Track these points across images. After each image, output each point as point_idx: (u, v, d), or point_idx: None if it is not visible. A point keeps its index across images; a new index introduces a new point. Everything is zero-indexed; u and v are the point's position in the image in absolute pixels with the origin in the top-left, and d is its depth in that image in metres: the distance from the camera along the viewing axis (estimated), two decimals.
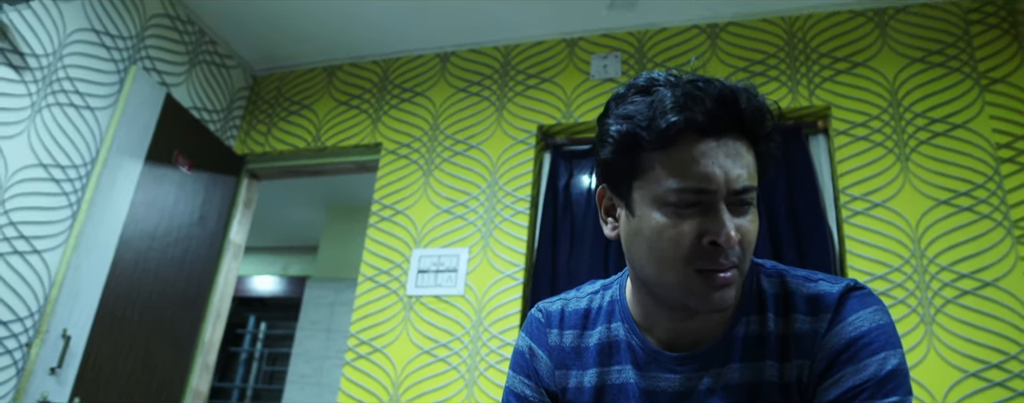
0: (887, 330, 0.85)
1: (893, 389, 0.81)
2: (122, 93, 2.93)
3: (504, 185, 3.02)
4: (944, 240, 2.38)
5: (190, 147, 3.23)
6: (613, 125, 0.87)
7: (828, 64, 2.79)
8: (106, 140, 2.84)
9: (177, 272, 3.14)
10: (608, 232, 0.95)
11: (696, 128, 0.82)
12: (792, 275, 0.95)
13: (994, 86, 2.54)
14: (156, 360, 3.02)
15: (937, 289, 2.33)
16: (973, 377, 2.20)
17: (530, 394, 1.05)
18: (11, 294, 2.47)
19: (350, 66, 3.61)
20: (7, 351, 2.44)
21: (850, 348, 0.84)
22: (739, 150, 0.84)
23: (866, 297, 0.89)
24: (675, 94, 0.83)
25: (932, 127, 2.55)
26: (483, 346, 2.75)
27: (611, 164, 0.89)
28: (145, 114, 3.00)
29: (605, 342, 1.01)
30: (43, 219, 2.60)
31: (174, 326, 3.13)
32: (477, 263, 2.90)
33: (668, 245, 0.83)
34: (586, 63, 3.15)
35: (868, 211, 2.51)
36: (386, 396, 2.79)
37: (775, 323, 0.91)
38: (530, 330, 1.09)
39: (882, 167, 2.55)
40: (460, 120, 3.23)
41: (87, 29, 2.82)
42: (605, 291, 1.07)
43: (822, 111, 2.76)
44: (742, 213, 0.85)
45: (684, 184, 0.82)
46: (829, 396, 0.83)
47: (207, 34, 3.46)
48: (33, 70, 2.60)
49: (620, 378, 0.98)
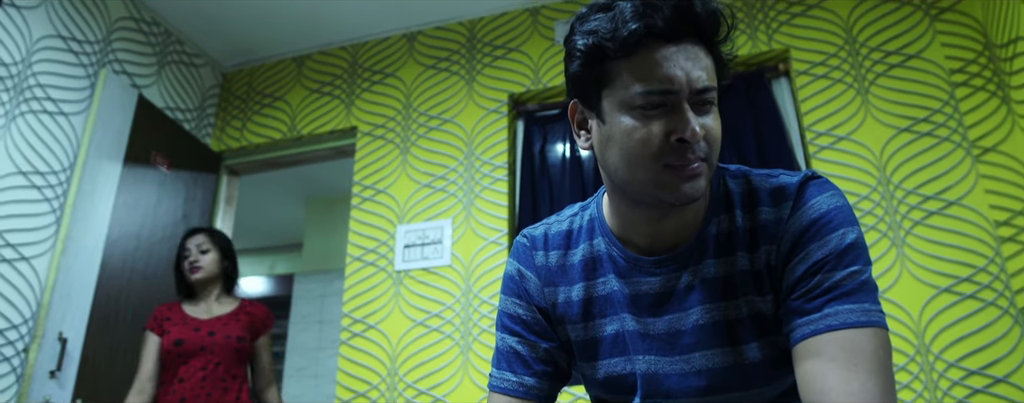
0: (844, 210, 0.92)
1: (853, 259, 0.88)
2: (94, 97, 2.94)
3: (481, 155, 3.07)
4: (908, 166, 2.47)
5: (167, 147, 3.25)
6: (579, 40, 0.92)
7: (784, 8, 2.87)
8: (83, 144, 2.86)
9: (166, 271, 3.15)
10: (581, 144, 1.00)
11: (656, 34, 0.87)
12: (755, 174, 1.01)
13: (944, 15, 2.64)
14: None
15: (904, 212, 2.43)
16: (946, 292, 2.29)
17: (523, 313, 1.10)
18: (3, 302, 2.49)
19: (319, 54, 3.64)
20: (5, 358, 2.46)
21: (812, 227, 0.91)
22: (698, 53, 0.90)
23: (824, 184, 0.95)
24: (634, 5, 0.88)
25: (888, 60, 2.64)
26: (474, 312, 2.81)
27: (580, 77, 0.95)
28: (119, 116, 3.01)
29: (588, 258, 1.07)
30: (28, 226, 2.62)
31: None
32: (461, 233, 2.96)
33: (638, 145, 0.89)
34: (550, 30, 3.20)
35: (833, 145, 2.60)
36: (384, 370, 2.85)
37: (742, 218, 0.97)
38: (517, 254, 1.14)
39: (843, 102, 2.64)
40: (432, 96, 3.28)
41: (53, 35, 2.83)
42: (583, 212, 1.12)
43: (782, 54, 2.84)
44: (705, 112, 0.90)
45: (649, 87, 0.87)
46: (797, 272, 0.90)
47: (173, 34, 3.48)
48: (3, 79, 2.61)
49: (606, 289, 1.04)
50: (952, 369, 2.21)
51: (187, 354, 2.43)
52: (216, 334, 2.48)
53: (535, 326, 1.08)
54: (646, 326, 0.99)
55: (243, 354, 2.53)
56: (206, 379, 2.42)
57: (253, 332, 2.60)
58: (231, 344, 2.50)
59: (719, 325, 0.95)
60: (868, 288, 0.87)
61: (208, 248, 2.62)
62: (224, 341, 2.49)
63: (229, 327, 2.53)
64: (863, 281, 0.87)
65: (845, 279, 0.86)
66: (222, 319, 2.55)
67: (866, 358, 0.81)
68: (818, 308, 0.86)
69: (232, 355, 2.49)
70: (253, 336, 2.59)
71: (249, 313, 2.63)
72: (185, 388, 2.39)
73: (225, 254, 2.69)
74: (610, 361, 1.03)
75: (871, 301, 0.86)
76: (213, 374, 2.44)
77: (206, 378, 2.42)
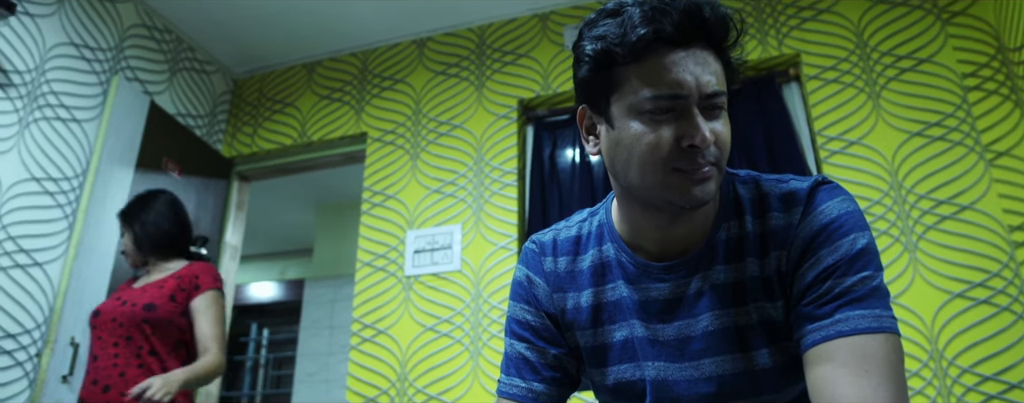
0: (855, 215, 0.91)
1: (865, 265, 0.87)
2: (107, 103, 2.96)
3: (490, 160, 3.08)
4: (920, 170, 2.46)
5: (178, 153, 3.27)
6: (588, 45, 0.92)
7: (794, 13, 2.86)
8: (95, 150, 2.88)
9: None
10: (590, 150, 1.00)
11: (665, 39, 0.87)
12: (765, 179, 1.01)
13: (956, 19, 2.62)
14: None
15: (917, 217, 2.41)
16: (959, 297, 2.27)
17: (531, 318, 1.10)
18: (16, 307, 2.50)
19: (329, 61, 3.65)
20: (18, 363, 2.48)
21: (823, 232, 0.90)
22: (707, 58, 0.90)
23: (834, 189, 0.95)
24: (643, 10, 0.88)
25: (899, 64, 2.63)
26: (484, 317, 2.81)
27: (589, 82, 0.94)
28: (131, 123, 3.03)
29: (597, 263, 1.07)
30: (41, 232, 2.64)
31: None
32: (471, 238, 2.96)
33: (647, 150, 0.89)
34: (559, 35, 3.21)
35: (845, 150, 2.58)
36: (393, 375, 2.85)
37: (752, 224, 0.97)
38: (526, 260, 1.14)
39: (854, 107, 2.62)
40: (442, 102, 3.29)
41: (67, 43, 2.86)
42: (592, 217, 1.12)
43: (792, 59, 2.83)
44: (714, 117, 0.90)
45: (658, 92, 0.87)
46: (808, 278, 0.89)
47: (185, 41, 3.50)
48: (17, 86, 2.63)
49: (615, 295, 1.04)
50: (966, 375, 2.19)
51: (99, 326, 2.13)
52: (127, 303, 2.14)
53: (544, 332, 1.08)
54: (655, 332, 0.99)
55: (162, 327, 2.12)
56: (119, 356, 2.08)
57: (185, 295, 2.18)
58: (136, 314, 2.11)
59: (729, 331, 0.95)
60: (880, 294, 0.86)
61: (123, 231, 2.32)
62: (131, 310, 2.12)
63: (146, 294, 2.16)
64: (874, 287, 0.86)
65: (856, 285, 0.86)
66: (146, 287, 2.20)
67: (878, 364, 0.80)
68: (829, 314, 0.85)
69: (142, 328, 2.10)
70: (186, 299, 2.18)
71: (179, 276, 2.21)
72: (97, 368, 2.09)
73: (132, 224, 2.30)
74: (619, 367, 1.03)
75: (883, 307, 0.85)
76: (126, 350, 2.08)
77: (119, 355, 2.08)
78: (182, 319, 2.17)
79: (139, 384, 1.90)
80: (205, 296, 2.19)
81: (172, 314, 2.14)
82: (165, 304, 2.14)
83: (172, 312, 2.14)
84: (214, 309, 2.20)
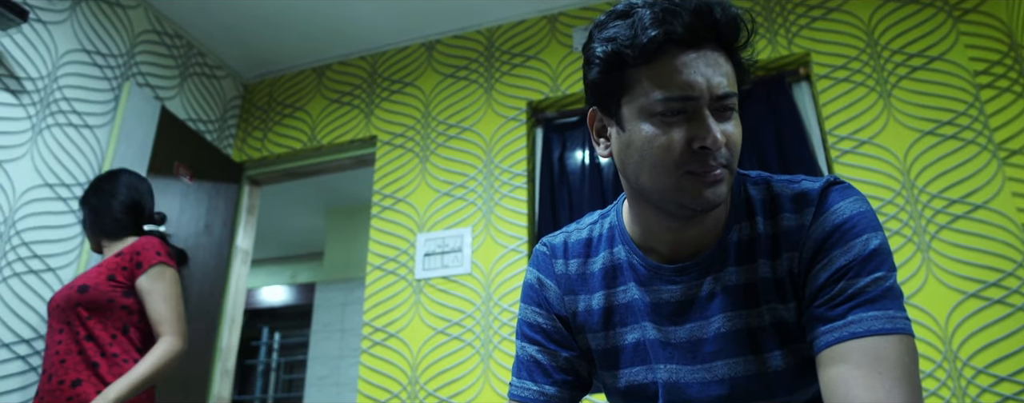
0: (867, 215, 0.91)
1: (878, 265, 0.87)
2: (118, 109, 2.98)
3: (500, 163, 3.08)
4: (932, 169, 2.44)
5: (189, 158, 3.28)
6: (598, 48, 0.92)
7: (803, 12, 2.85)
8: (107, 156, 2.89)
9: (189, 280, 3.19)
10: (601, 152, 1.00)
11: (676, 40, 0.87)
12: (776, 180, 1.00)
13: (967, 16, 2.60)
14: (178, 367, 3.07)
15: (930, 217, 2.39)
16: (973, 297, 2.25)
17: (542, 321, 1.10)
18: (30, 312, 2.52)
19: (339, 65, 3.66)
20: (32, 368, 2.49)
21: (835, 233, 0.90)
22: (718, 59, 0.89)
23: (846, 189, 0.94)
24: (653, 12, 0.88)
25: (910, 62, 2.61)
26: (495, 320, 2.81)
27: (599, 85, 0.94)
28: (142, 128, 3.05)
29: (608, 266, 1.06)
30: (54, 237, 2.66)
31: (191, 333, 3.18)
32: (481, 241, 2.96)
33: (659, 152, 0.88)
34: (568, 37, 3.21)
35: (856, 149, 2.57)
36: (404, 378, 2.85)
37: (764, 225, 0.96)
38: (537, 263, 1.14)
39: (865, 106, 2.61)
40: (451, 105, 3.29)
41: (78, 50, 2.88)
42: (603, 220, 1.12)
43: (802, 58, 2.82)
44: (726, 118, 0.90)
45: (669, 93, 0.87)
46: (820, 279, 0.89)
47: (195, 46, 3.52)
48: (30, 93, 2.65)
49: (626, 297, 1.04)
50: (981, 376, 2.17)
51: (50, 314, 2.03)
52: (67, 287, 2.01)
53: (555, 335, 1.08)
54: (667, 334, 0.99)
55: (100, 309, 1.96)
56: (61, 343, 1.95)
57: (126, 274, 2.01)
58: (72, 296, 1.96)
59: (741, 333, 0.94)
60: (893, 294, 0.86)
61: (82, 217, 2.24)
62: (67, 294, 1.98)
63: (86, 276, 2.02)
64: (888, 287, 0.86)
65: (869, 285, 0.85)
66: (89, 270, 2.06)
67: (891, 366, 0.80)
68: (842, 315, 0.85)
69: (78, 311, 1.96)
70: (128, 279, 2.01)
71: (120, 253, 2.05)
72: (46, 357, 1.98)
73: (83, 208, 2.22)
74: (631, 370, 1.02)
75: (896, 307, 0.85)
76: (67, 336, 1.95)
77: (61, 341, 1.95)
78: (127, 299, 2.00)
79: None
80: (148, 273, 2.01)
81: (108, 294, 1.97)
82: (100, 284, 1.98)
83: (107, 292, 1.97)
84: (160, 285, 2.01)
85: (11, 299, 2.46)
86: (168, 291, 2.02)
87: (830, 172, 2.61)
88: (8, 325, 2.43)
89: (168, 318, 1.98)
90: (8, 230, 2.50)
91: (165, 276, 2.04)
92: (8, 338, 2.42)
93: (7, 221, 2.50)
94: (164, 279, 2.03)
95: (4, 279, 2.45)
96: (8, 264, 2.48)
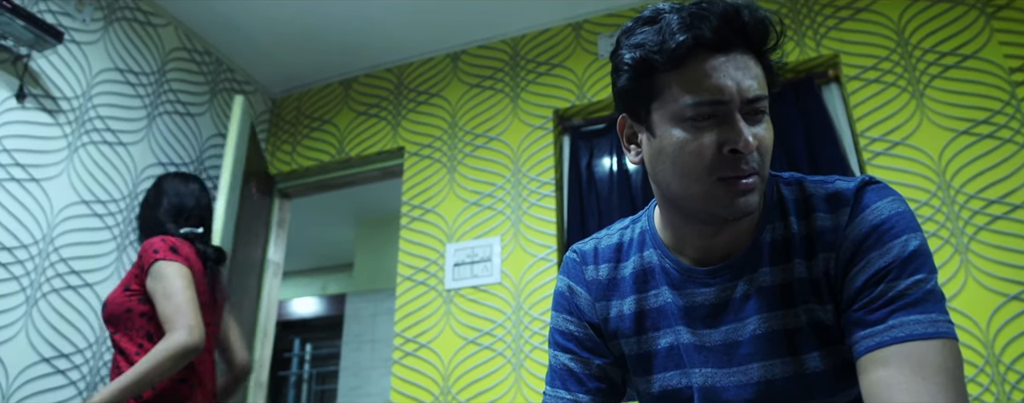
0: (906, 216, 0.89)
1: (918, 267, 0.85)
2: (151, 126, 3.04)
3: (527, 172, 3.07)
4: (969, 169, 2.39)
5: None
6: (627, 54, 0.92)
7: (831, 13, 2.82)
8: (142, 172, 2.94)
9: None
10: (631, 159, 0.99)
11: (705, 45, 0.86)
12: (809, 180, 0.99)
13: (1001, 13, 2.55)
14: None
15: (967, 218, 2.34)
16: (1015, 300, 2.20)
17: (574, 329, 1.09)
18: (69, 327, 2.56)
19: (365, 77, 3.70)
20: (72, 382, 2.53)
21: (873, 234, 0.88)
22: (747, 62, 0.89)
23: (882, 189, 0.93)
24: (681, 16, 0.88)
25: (942, 61, 2.57)
26: (525, 329, 2.80)
27: (629, 91, 0.94)
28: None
29: (639, 270, 1.06)
30: (90, 253, 2.70)
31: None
32: (510, 250, 2.96)
33: (690, 158, 0.88)
34: (593, 44, 3.20)
35: (889, 151, 2.53)
36: (436, 389, 2.85)
37: (798, 225, 0.95)
38: (567, 270, 1.14)
39: (898, 106, 2.57)
40: (477, 115, 3.30)
41: (111, 69, 2.93)
42: (634, 225, 1.11)
43: (831, 59, 2.78)
44: (757, 122, 0.89)
45: (699, 98, 0.86)
46: (858, 281, 0.87)
47: (224, 63, 3.57)
48: (66, 112, 2.71)
49: (658, 301, 1.03)
50: None
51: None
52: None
53: (587, 342, 1.07)
54: (701, 338, 0.98)
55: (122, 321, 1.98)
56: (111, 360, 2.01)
57: (139, 280, 2.00)
58: (102, 314, 2.04)
59: (777, 334, 0.93)
60: (935, 297, 0.84)
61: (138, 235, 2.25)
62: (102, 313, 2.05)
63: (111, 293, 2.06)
64: (929, 290, 0.84)
65: (910, 288, 0.83)
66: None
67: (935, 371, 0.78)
68: (882, 319, 0.83)
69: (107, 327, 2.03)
70: (141, 284, 2.00)
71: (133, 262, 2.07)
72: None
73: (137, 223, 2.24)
74: (665, 375, 1.01)
75: (938, 311, 0.83)
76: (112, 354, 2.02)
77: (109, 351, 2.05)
78: (143, 306, 1.97)
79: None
80: (150, 274, 1.96)
81: (124, 305, 1.98)
82: (116, 297, 1.99)
83: (123, 303, 1.98)
84: (161, 284, 1.94)
85: (50, 314, 2.51)
86: (169, 287, 1.92)
87: (863, 174, 2.57)
88: (47, 340, 2.48)
89: (171, 314, 1.88)
90: (47, 247, 2.55)
91: (164, 272, 1.95)
92: (48, 353, 2.47)
93: (46, 238, 2.55)
94: (163, 275, 1.94)
95: (44, 295, 2.50)
96: (47, 280, 2.53)
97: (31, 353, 2.42)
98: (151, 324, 1.97)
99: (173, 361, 1.81)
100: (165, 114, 3.14)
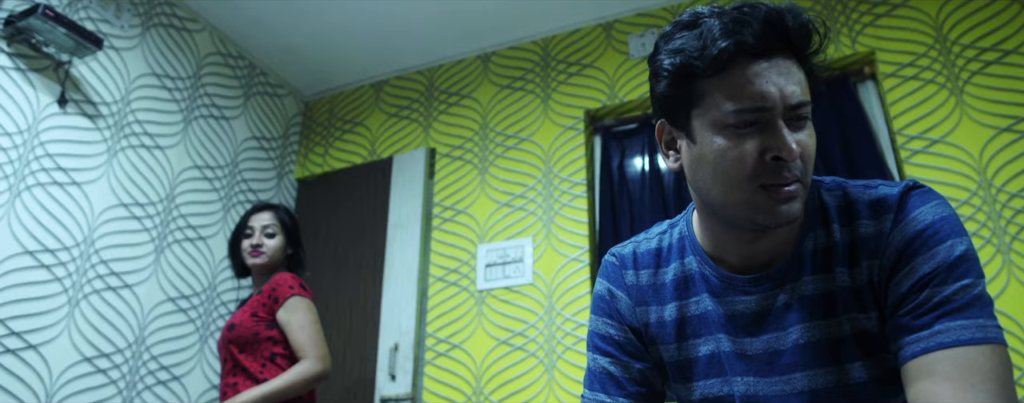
0: (951, 220, 0.87)
1: (964, 272, 0.83)
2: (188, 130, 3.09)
3: (559, 172, 3.07)
4: (1010, 168, 2.34)
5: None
6: (666, 59, 0.90)
7: (867, 10, 2.78)
8: (179, 175, 2.99)
9: None
10: (670, 164, 0.98)
11: (747, 50, 0.84)
12: (852, 185, 0.97)
13: None
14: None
15: (1010, 217, 2.29)
16: None
17: (615, 333, 1.08)
18: (109, 327, 2.62)
19: (396, 79, 3.72)
20: (111, 381, 2.59)
21: (917, 239, 0.86)
22: (790, 68, 0.87)
23: (926, 194, 0.91)
24: (722, 21, 0.85)
25: (982, 57, 2.52)
26: (558, 330, 2.80)
27: (668, 97, 0.92)
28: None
29: (680, 277, 1.04)
30: (130, 255, 2.75)
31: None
32: (542, 251, 2.96)
33: (732, 165, 0.86)
34: (624, 44, 3.19)
35: (927, 149, 2.48)
36: (469, 389, 2.86)
37: (841, 232, 0.93)
38: (606, 274, 1.13)
39: (936, 104, 2.52)
40: (508, 116, 3.31)
41: (149, 74, 2.99)
42: (672, 229, 1.10)
43: (867, 57, 2.74)
44: (799, 128, 0.87)
45: (742, 105, 0.85)
46: (903, 287, 0.85)
47: (257, 66, 3.62)
48: (106, 117, 2.76)
49: (699, 308, 1.02)
50: None
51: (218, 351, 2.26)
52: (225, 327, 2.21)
53: (628, 346, 1.06)
54: (743, 346, 0.97)
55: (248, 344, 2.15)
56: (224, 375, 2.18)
57: (267, 310, 2.19)
58: (225, 335, 2.18)
59: (821, 344, 0.91)
60: (982, 302, 0.82)
61: (275, 232, 2.32)
62: (224, 333, 2.20)
63: (235, 316, 2.22)
64: (976, 295, 0.82)
65: (956, 293, 0.82)
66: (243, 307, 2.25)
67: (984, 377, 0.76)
68: (928, 325, 0.81)
69: (229, 348, 2.16)
70: (269, 313, 2.19)
71: (260, 291, 2.23)
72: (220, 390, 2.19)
73: (292, 239, 2.36)
74: (706, 382, 1.00)
75: (986, 316, 0.81)
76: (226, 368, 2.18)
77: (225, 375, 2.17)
78: (270, 331, 2.16)
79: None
80: (285, 306, 2.17)
81: (253, 329, 2.15)
82: (245, 321, 2.16)
83: (252, 327, 2.15)
84: (296, 317, 2.16)
85: (91, 315, 2.56)
86: (303, 320, 2.17)
87: (900, 173, 2.53)
88: (89, 340, 2.53)
89: (304, 344, 2.13)
90: (88, 249, 2.60)
91: (299, 307, 2.19)
92: (89, 352, 2.52)
93: (87, 240, 2.60)
94: (298, 310, 2.18)
95: (85, 296, 2.56)
96: (88, 282, 2.58)
97: (73, 352, 2.48)
98: (275, 348, 2.17)
99: (307, 384, 2.09)
100: (201, 118, 3.19)
